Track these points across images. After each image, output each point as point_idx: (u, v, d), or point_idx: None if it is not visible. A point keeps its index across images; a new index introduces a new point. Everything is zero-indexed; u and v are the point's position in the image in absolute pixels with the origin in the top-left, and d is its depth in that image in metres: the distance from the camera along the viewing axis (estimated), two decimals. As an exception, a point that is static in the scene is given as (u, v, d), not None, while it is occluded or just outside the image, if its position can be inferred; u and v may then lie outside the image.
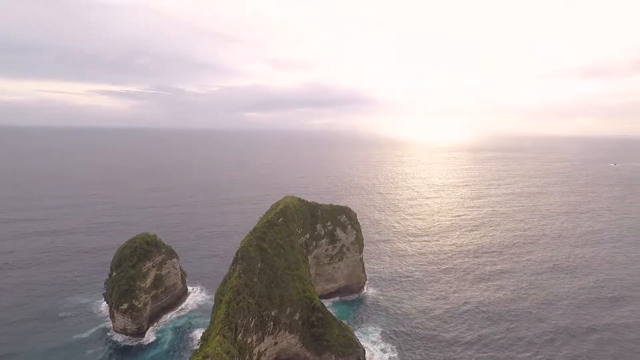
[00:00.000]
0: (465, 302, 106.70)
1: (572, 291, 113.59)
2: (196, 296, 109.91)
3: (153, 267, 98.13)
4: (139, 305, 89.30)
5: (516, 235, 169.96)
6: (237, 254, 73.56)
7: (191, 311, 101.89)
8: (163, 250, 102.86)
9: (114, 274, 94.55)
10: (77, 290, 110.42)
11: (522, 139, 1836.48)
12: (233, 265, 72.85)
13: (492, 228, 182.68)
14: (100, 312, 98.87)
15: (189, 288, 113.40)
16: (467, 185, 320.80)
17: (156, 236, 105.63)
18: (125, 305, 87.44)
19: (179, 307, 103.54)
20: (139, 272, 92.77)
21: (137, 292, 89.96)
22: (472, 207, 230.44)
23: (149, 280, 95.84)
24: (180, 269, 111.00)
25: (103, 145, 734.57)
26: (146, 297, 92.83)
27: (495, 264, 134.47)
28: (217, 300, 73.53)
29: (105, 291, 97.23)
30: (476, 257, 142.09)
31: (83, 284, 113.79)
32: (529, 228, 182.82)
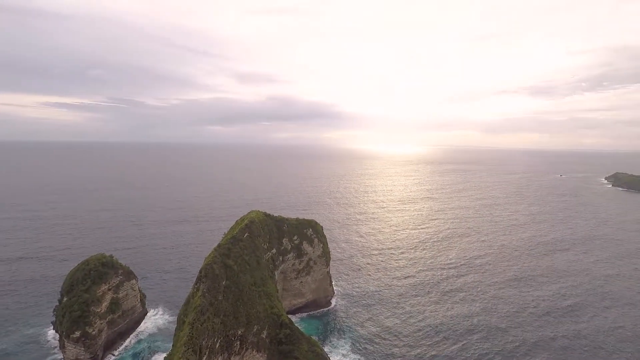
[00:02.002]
0: (431, 315, 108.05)
1: (533, 301, 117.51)
2: (157, 319, 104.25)
3: (109, 290, 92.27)
4: (93, 332, 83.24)
5: (477, 248, 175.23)
6: (200, 272, 70.86)
7: (151, 335, 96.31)
8: (120, 271, 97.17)
9: (65, 299, 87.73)
10: (21, 320, 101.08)
11: (479, 152, 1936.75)
12: (196, 284, 70.03)
13: (454, 241, 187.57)
14: (47, 342, 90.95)
15: (150, 310, 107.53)
16: (428, 198, 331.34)
17: (112, 257, 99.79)
18: (77, 333, 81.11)
19: (138, 332, 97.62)
20: (93, 296, 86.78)
21: (91, 317, 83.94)
22: (433, 220, 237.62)
23: (105, 305, 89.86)
24: (140, 291, 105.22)
25: (51, 161, 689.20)
26: (101, 323, 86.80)
27: (459, 277, 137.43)
28: (180, 322, 70.14)
29: (54, 319, 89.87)
30: (440, 270, 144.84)
31: (28, 314, 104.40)
32: (489, 240, 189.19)
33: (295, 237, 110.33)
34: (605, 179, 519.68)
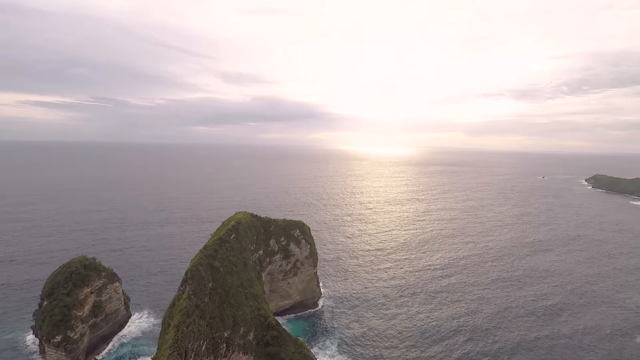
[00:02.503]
0: (417, 316, 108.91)
1: (516, 301, 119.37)
2: (141, 322, 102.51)
3: (91, 293, 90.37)
4: (75, 337, 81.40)
5: (462, 249, 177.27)
6: (186, 274, 70.09)
7: (135, 339, 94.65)
8: (103, 274, 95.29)
9: (45, 303, 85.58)
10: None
11: (465, 154, 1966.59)
12: (182, 286, 69.24)
13: (439, 242, 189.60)
14: (26, 347, 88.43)
15: (134, 314, 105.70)
16: (414, 199, 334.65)
17: (95, 259, 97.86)
18: (58, 338, 79.19)
19: (122, 335, 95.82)
20: (75, 299, 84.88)
21: (73, 321, 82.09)
22: (419, 221, 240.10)
23: (87, 308, 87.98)
24: (123, 294, 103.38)
25: (31, 161, 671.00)
26: (83, 327, 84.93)
27: (444, 278, 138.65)
28: (165, 325, 69.19)
29: (34, 324, 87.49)
30: (426, 271, 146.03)
31: (6, 319, 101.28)
32: (474, 241, 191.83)
33: (283, 238, 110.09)
34: (586, 180, 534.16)
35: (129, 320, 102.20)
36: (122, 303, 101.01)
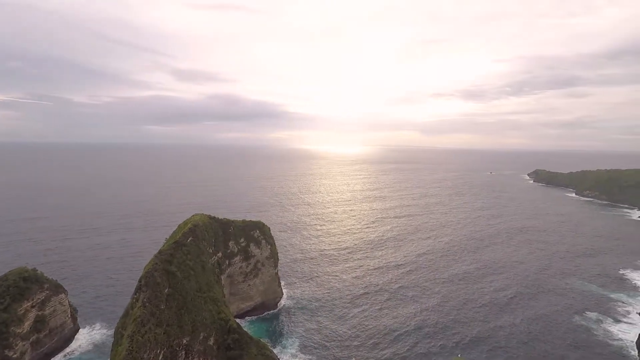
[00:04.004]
0: (379, 314, 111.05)
1: (474, 295, 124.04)
2: (92, 334, 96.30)
3: (33, 307, 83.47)
4: (14, 356, 74.92)
5: (421, 246, 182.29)
6: (140, 281, 66.75)
7: (85, 352, 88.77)
8: (46, 285, 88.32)
9: (-22, 320, 77.83)
10: None
11: (419, 152, 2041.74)
12: (136, 294, 65.88)
13: (398, 240, 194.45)
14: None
15: (84, 327, 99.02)
16: (373, 197, 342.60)
17: (37, 270, 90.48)
18: (-6, 358, 72.44)
19: (69, 351, 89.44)
20: (13, 315, 77.97)
21: (11, 339, 75.45)
22: (379, 219, 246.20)
23: (28, 324, 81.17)
24: (70, 306, 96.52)
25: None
26: (24, 345, 78.31)
27: (404, 275, 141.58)
28: (118, 336, 65.55)
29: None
30: (386, 269, 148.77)
31: None
32: (432, 237, 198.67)
33: (242, 240, 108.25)
34: (528, 175, 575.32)
35: (78, 334, 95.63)
36: (69, 316, 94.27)
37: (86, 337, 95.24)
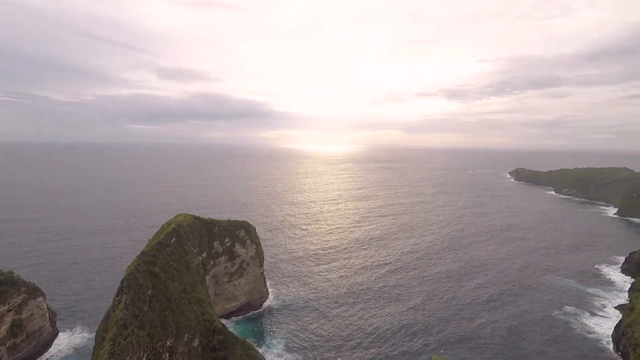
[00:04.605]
0: (364, 313, 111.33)
1: (459, 292, 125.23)
2: (72, 338, 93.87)
3: (9, 311, 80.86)
4: (-10, 361, 72.42)
5: (406, 245, 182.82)
6: (122, 283, 65.46)
7: (65, 357, 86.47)
8: (23, 289, 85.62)
9: (-49, 326, 75.04)
10: None
11: (404, 151, 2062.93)
12: (118, 296, 64.58)
13: (385, 239, 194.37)
14: None
15: (64, 331, 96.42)
16: (359, 197, 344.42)
17: (13, 273, 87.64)
18: (-32, 364, 69.92)
19: (48, 355, 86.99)
20: (-12, 319, 75.39)
21: (-13, 344, 72.89)
22: (365, 218, 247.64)
23: (4, 328, 78.63)
24: (49, 309, 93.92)
25: None
26: (0, 350, 75.74)
27: (390, 274, 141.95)
28: (99, 339, 64.17)
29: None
30: (372, 268, 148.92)
31: None
32: (417, 235, 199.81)
33: (227, 240, 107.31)
34: (509, 174, 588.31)
35: (57, 339, 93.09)
36: (47, 320, 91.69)
37: (66, 341, 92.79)
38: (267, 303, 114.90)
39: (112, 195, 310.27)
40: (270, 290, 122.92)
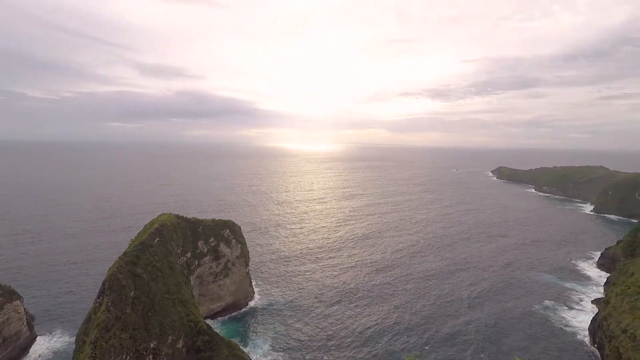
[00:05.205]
0: (350, 313, 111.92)
1: (445, 292, 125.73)
2: (51, 342, 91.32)
3: (-16, 315, 78.12)
4: (-37, 368, 69.81)
5: (393, 243, 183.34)
6: (103, 284, 64.06)
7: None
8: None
9: None
10: None
11: (388, 150, 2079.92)
12: (99, 298, 63.20)
13: (371, 238, 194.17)
14: None
15: (42, 334, 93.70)
16: (345, 196, 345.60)
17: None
18: (-60, 372, 67.23)
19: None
20: (-39, 324, 72.63)
21: (-40, 351, 70.24)
22: (351, 217, 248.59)
23: (-21, 333, 75.89)
24: (26, 313, 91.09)
25: None
26: (-26, 356, 73.16)
27: (376, 274, 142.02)
28: (80, 343, 62.67)
29: None
30: (359, 268, 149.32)
31: None
32: (404, 235, 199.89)
33: (212, 239, 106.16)
34: (491, 172, 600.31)
35: (35, 343, 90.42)
36: (25, 324, 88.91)
37: (45, 345, 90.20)
38: (253, 303, 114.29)
39: (92, 195, 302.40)
40: (256, 289, 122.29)
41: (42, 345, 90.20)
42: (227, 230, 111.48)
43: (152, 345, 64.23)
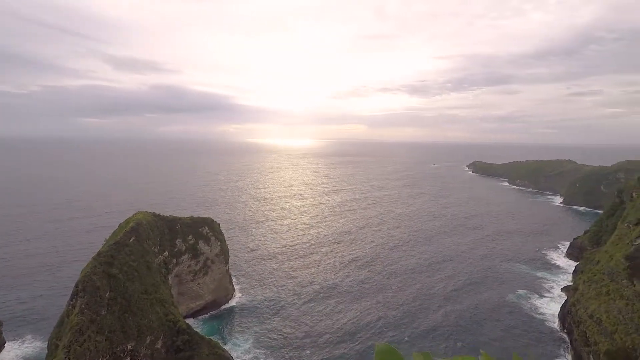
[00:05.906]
0: (333, 310, 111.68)
1: (425, 286, 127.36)
2: (22, 348, 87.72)
3: (-53, 322, 74.17)
4: None
5: (374, 238, 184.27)
6: (76, 286, 62.09)
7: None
8: (-37, 297, 78.84)
9: None
10: None
11: (367, 145, 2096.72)
12: (72, 301, 61.21)
13: (353, 234, 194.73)
14: None
15: (11, 340, 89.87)
16: (326, 192, 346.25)
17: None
18: None
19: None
20: None
21: None
22: (332, 214, 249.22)
23: (-59, 341, 72.07)
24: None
25: None
26: (-63, 365, 69.46)
27: (358, 270, 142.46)
28: (52, 347, 60.54)
29: None
30: (341, 265, 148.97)
31: None
32: (385, 230, 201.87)
33: (190, 237, 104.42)
34: (467, 166, 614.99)
35: (3, 349, 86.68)
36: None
37: (15, 351, 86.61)
38: (233, 301, 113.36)
39: (62, 193, 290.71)
40: (236, 287, 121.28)
41: (12, 351, 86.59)
42: (206, 228, 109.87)
43: (129, 346, 62.81)
